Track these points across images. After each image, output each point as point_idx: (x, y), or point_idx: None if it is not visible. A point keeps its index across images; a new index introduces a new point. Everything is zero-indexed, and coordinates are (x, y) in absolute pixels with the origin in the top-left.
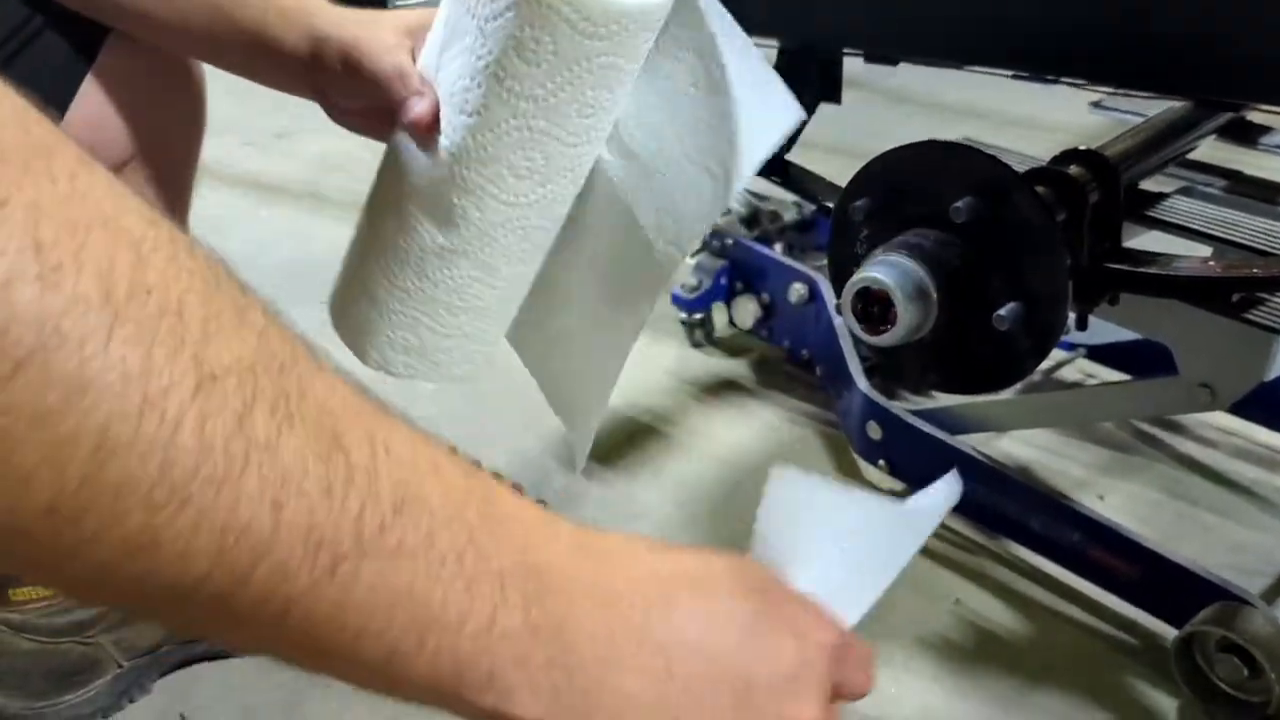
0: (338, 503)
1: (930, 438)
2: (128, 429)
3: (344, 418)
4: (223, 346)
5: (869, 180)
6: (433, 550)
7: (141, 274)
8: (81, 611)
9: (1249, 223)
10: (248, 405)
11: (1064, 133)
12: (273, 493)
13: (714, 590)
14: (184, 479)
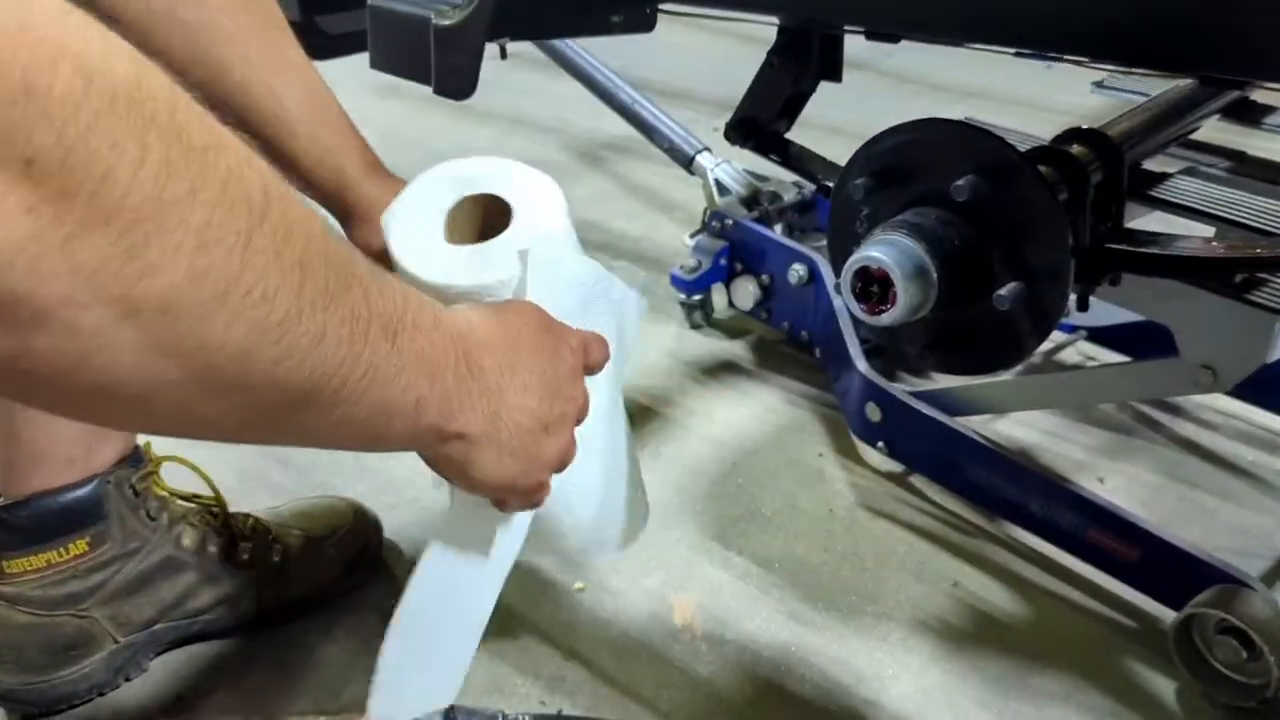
0: (386, 295)
1: (929, 419)
2: (308, 254)
3: (361, 263)
4: (302, 201)
5: (869, 158)
6: (425, 323)
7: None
8: (76, 583)
9: (1252, 203)
10: (331, 239)
11: (1066, 113)
12: (365, 289)
13: (526, 322)
14: (335, 284)
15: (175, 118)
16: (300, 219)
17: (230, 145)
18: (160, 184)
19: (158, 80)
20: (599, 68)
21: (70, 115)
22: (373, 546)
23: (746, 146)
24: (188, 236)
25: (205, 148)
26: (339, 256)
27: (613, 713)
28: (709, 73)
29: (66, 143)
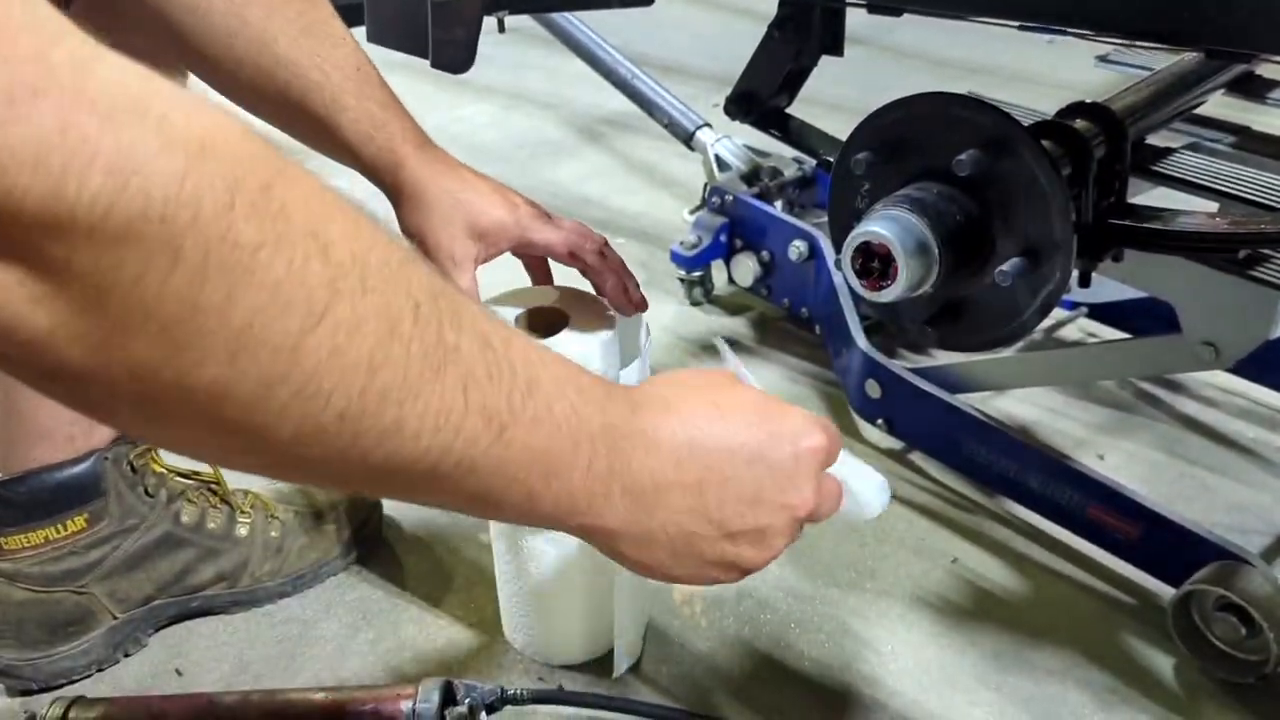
0: (497, 384)
1: (930, 396)
2: (383, 351)
3: (482, 322)
4: (415, 282)
5: (871, 133)
6: (552, 417)
7: (360, 235)
8: (74, 560)
9: (1256, 178)
10: (440, 321)
11: (1070, 89)
12: (463, 382)
13: (729, 417)
14: (417, 380)
15: (221, 220)
16: (378, 311)
17: (295, 238)
18: (198, 286)
19: (210, 173)
20: (599, 43)
21: (97, 224)
22: (373, 523)
23: (747, 121)
24: (232, 337)
25: (258, 246)
26: (433, 344)
27: (612, 688)
28: (709, 48)
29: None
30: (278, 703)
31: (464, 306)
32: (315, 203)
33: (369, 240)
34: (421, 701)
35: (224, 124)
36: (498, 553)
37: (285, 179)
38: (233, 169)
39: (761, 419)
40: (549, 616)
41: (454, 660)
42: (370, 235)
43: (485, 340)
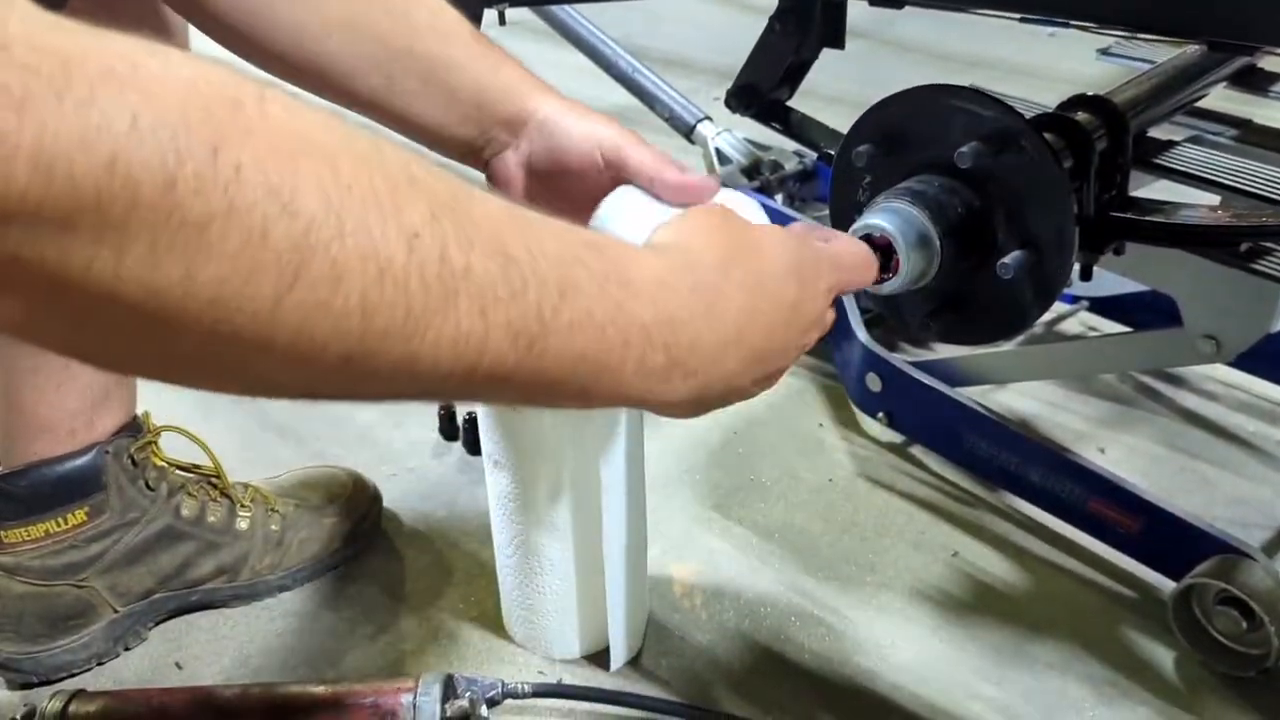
0: (521, 299)
1: (930, 390)
2: (375, 293)
3: (504, 231)
4: (411, 208)
5: (872, 125)
6: (593, 321)
7: (339, 176)
8: (74, 553)
9: (1258, 171)
10: (444, 246)
11: (1071, 82)
12: (479, 304)
13: (762, 282)
14: (422, 314)
15: (163, 201)
16: (362, 255)
17: (251, 202)
18: (151, 268)
19: (146, 153)
20: (599, 36)
21: (32, 217)
22: (372, 516)
23: (747, 114)
24: (203, 310)
25: (207, 221)
26: (435, 274)
27: (611, 683)
28: (710, 41)
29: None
30: (277, 696)
31: (477, 219)
32: (280, 151)
33: (350, 173)
34: (421, 695)
35: (167, 82)
36: (498, 546)
37: (239, 133)
38: (173, 140)
39: (792, 269)
40: (549, 610)
41: (454, 654)
42: (353, 165)
43: (504, 252)
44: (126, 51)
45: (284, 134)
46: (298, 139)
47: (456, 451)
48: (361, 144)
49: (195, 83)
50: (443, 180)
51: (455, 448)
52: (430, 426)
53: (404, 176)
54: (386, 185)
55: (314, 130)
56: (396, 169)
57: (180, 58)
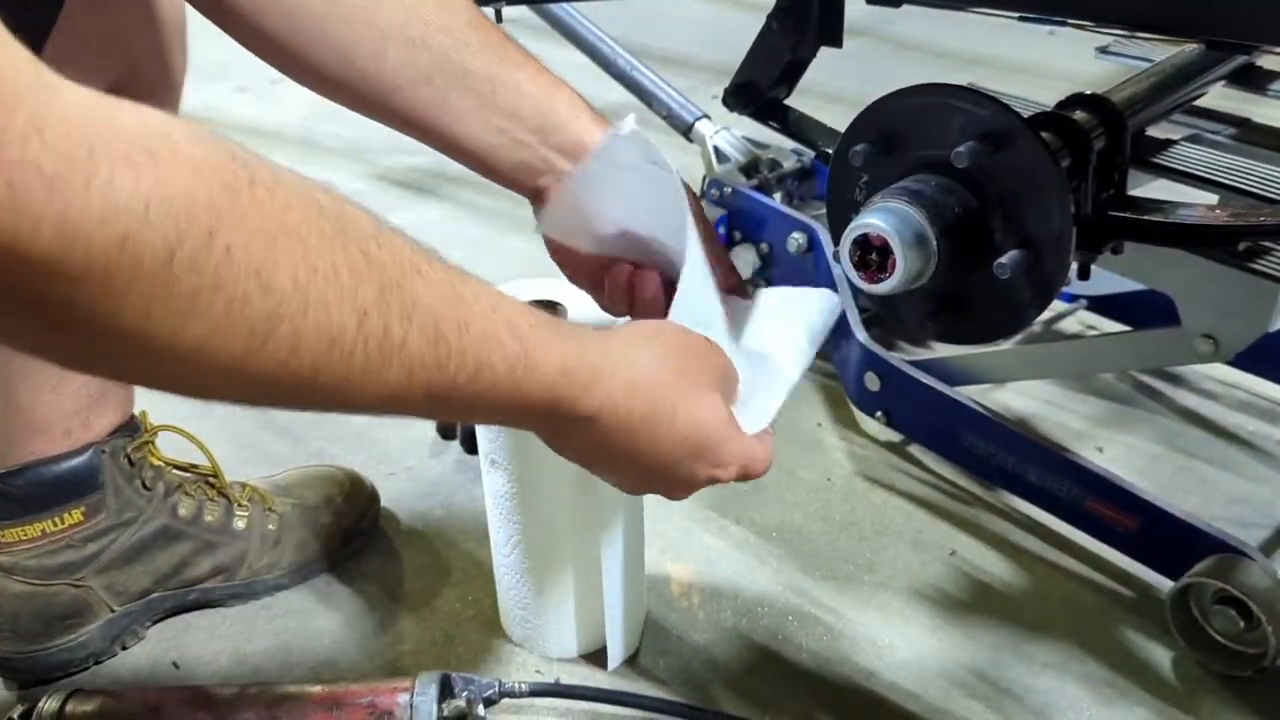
0: (444, 369)
1: (929, 389)
2: (325, 357)
3: (439, 310)
4: (364, 287)
5: (869, 124)
6: (495, 392)
7: (308, 257)
8: (71, 553)
9: (1256, 170)
10: (387, 323)
11: (1070, 81)
12: (408, 370)
13: (672, 434)
14: (361, 375)
15: (160, 273)
16: (317, 329)
17: (236, 278)
18: (145, 320)
19: (152, 235)
20: (597, 34)
21: (51, 271)
22: (369, 516)
23: (745, 113)
24: (186, 353)
25: (196, 291)
26: (376, 347)
27: (609, 682)
28: (708, 39)
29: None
30: (274, 696)
31: (419, 297)
32: (263, 234)
33: (317, 253)
34: (418, 694)
35: (176, 170)
36: (496, 545)
37: (233, 219)
38: (176, 225)
39: (695, 449)
40: (546, 609)
41: (451, 653)
42: (320, 244)
43: (436, 329)
44: (145, 136)
45: (267, 218)
46: (277, 222)
47: (454, 451)
48: (329, 222)
49: (200, 170)
50: (394, 255)
51: (453, 447)
52: (428, 426)
53: (361, 255)
54: (346, 265)
55: (290, 212)
56: (356, 248)
57: (188, 141)
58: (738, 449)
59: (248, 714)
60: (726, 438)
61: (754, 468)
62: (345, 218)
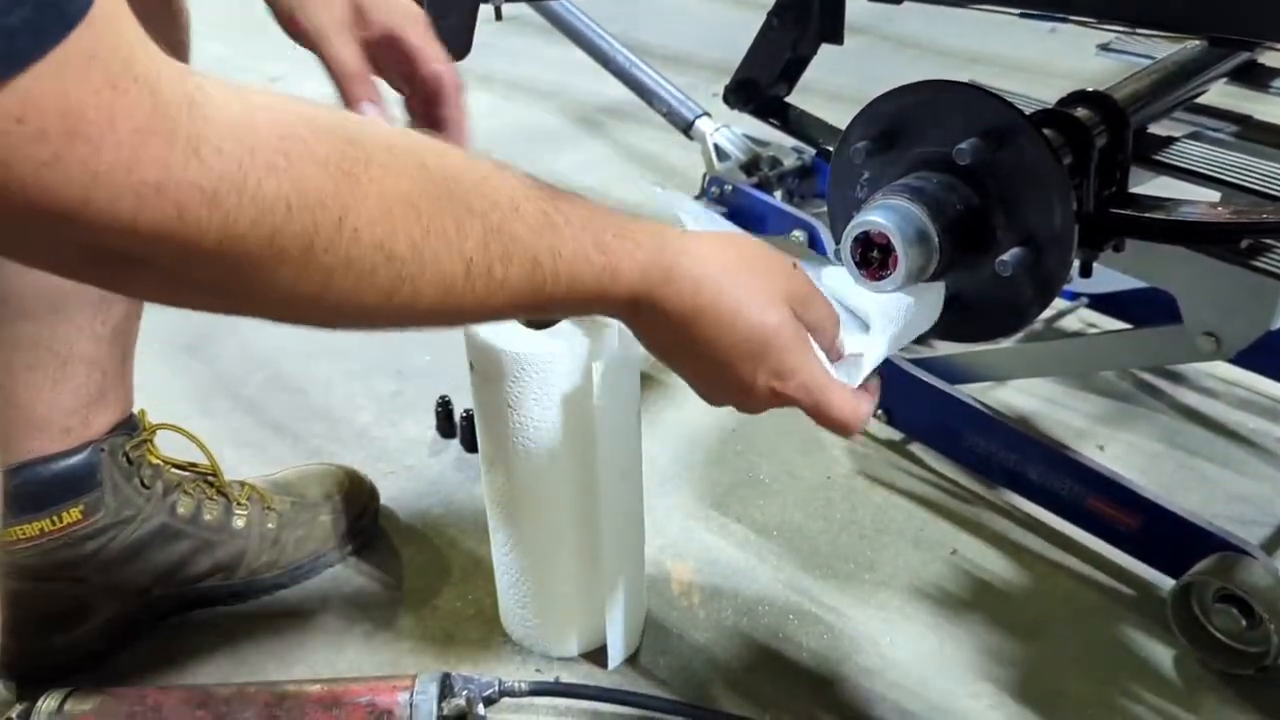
0: (539, 292)
1: (929, 387)
2: (440, 302)
3: (535, 243)
4: (469, 238)
5: (870, 121)
6: (586, 297)
7: (420, 220)
8: (70, 551)
9: (1258, 167)
10: (489, 265)
11: (1071, 78)
12: (509, 299)
13: (732, 348)
14: (470, 309)
15: (302, 258)
16: (434, 282)
17: (363, 254)
18: (292, 285)
19: (294, 228)
20: (597, 31)
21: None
22: (369, 514)
23: (746, 110)
24: (328, 307)
25: (331, 269)
26: (484, 289)
27: (609, 680)
28: (708, 37)
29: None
30: (274, 694)
31: (518, 236)
32: (382, 210)
33: (428, 216)
34: (418, 694)
35: (309, 164)
36: (495, 544)
37: (356, 204)
38: (313, 217)
39: (754, 350)
40: (547, 608)
41: (451, 652)
42: (430, 206)
43: (534, 260)
44: (280, 137)
45: (385, 194)
46: (392, 196)
47: (454, 449)
48: (435, 182)
49: (326, 164)
50: (494, 201)
51: (452, 445)
52: (427, 424)
53: (465, 209)
54: (453, 221)
55: (402, 182)
56: (460, 203)
57: (314, 135)
58: (800, 362)
59: (247, 713)
60: (787, 348)
61: (829, 407)
62: (449, 174)
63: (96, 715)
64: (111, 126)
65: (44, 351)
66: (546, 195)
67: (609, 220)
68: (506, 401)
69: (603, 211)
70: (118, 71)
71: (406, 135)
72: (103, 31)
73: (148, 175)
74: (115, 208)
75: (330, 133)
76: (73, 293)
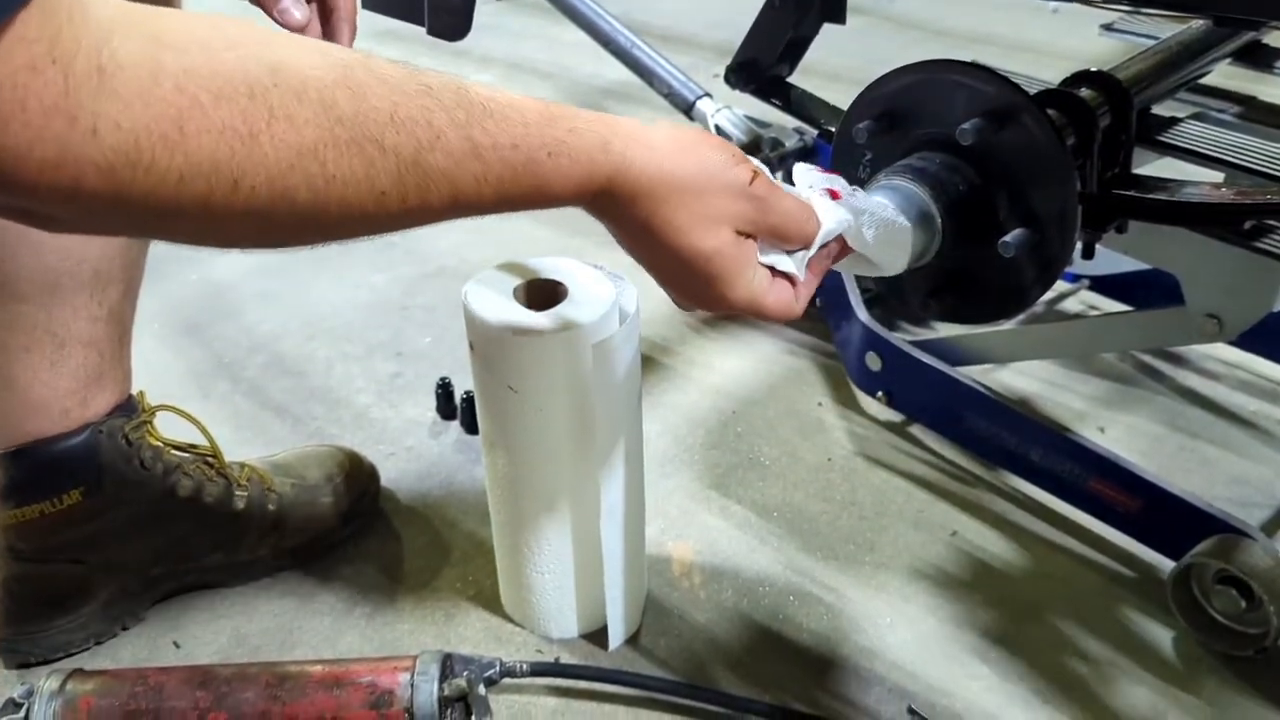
0: (467, 208)
1: (930, 369)
2: (363, 227)
3: (452, 171)
4: (380, 175)
5: (873, 102)
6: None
7: (328, 170)
8: (70, 533)
9: (1262, 148)
10: (403, 194)
11: (1074, 59)
12: (438, 216)
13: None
14: (398, 224)
15: (206, 210)
16: (338, 219)
17: (262, 205)
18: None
19: (190, 192)
20: (597, 11)
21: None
22: (370, 495)
23: (747, 90)
24: (228, 244)
25: (230, 217)
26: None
27: (609, 661)
28: (709, 17)
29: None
30: (275, 675)
31: (434, 170)
32: (283, 165)
33: (333, 166)
34: (419, 674)
35: (204, 135)
36: (496, 525)
37: (253, 165)
38: (208, 183)
39: (694, 273)
40: (547, 589)
41: (452, 633)
42: (335, 157)
43: (454, 188)
44: (180, 106)
45: (286, 148)
46: (295, 149)
47: (454, 430)
48: (345, 126)
49: (224, 131)
50: (410, 135)
51: (453, 427)
52: (428, 406)
53: (377, 147)
54: (362, 163)
55: (308, 131)
56: (370, 144)
57: (213, 100)
58: (734, 283)
59: (248, 693)
60: (722, 274)
61: (765, 311)
62: (361, 113)
63: (97, 695)
64: (23, 107)
65: (41, 333)
66: (476, 114)
67: (544, 136)
68: (507, 383)
69: (539, 124)
70: (40, 53)
71: (321, 70)
72: (45, 11)
73: (48, 153)
74: (16, 179)
75: (235, 89)
76: (67, 274)
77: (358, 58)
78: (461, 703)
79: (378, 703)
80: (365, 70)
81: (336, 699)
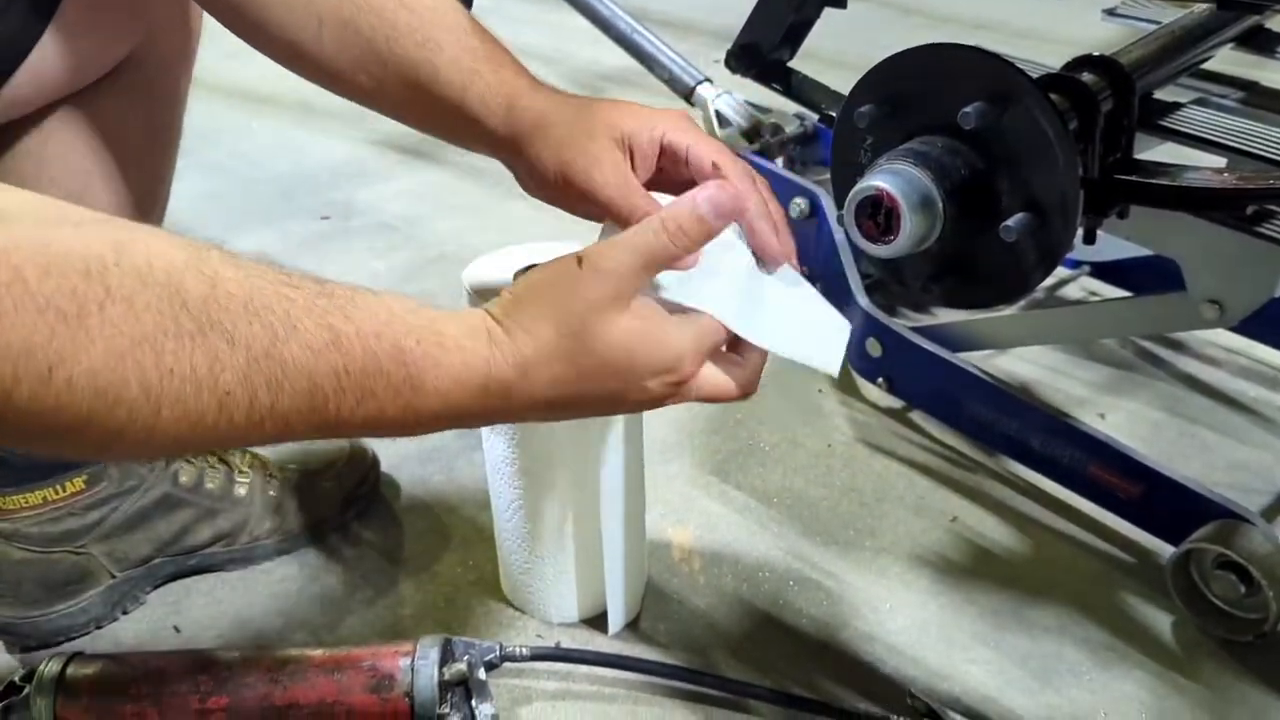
0: (321, 412)
1: (931, 355)
2: (189, 436)
3: (314, 365)
4: (226, 372)
5: (875, 85)
6: (384, 417)
7: (161, 362)
8: (73, 520)
9: (1265, 133)
10: (253, 394)
11: (1076, 44)
12: (284, 423)
13: (580, 375)
14: (237, 436)
15: (6, 404)
16: (173, 419)
17: (77, 402)
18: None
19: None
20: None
21: None
22: (370, 481)
23: (748, 75)
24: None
25: (35, 414)
26: (246, 414)
27: (610, 646)
28: (710, 1)
29: None
30: (276, 659)
31: (290, 360)
32: (113, 355)
33: (173, 358)
34: (419, 658)
35: (23, 313)
36: (496, 511)
37: (75, 352)
38: (14, 369)
39: (617, 373)
40: (547, 574)
41: (452, 618)
42: (176, 345)
43: (312, 381)
44: (5, 283)
45: (118, 335)
46: (129, 337)
47: None
48: (192, 315)
49: (45, 310)
50: (264, 326)
51: None
52: None
53: (225, 342)
54: (206, 358)
55: (147, 317)
56: (219, 336)
57: (39, 276)
58: (670, 356)
59: (249, 678)
60: (653, 351)
61: (702, 390)
62: (211, 303)
63: (99, 680)
64: None
65: None
66: (339, 302)
67: (409, 323)
68: None
69: (404, 313)
70: None
71: (173, 252)
72: None
73: None
74: None
75: (69, 265)
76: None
77: (217, 247)
78: (462, 687)
79: (378, 687)
80: (222, 257)
81: (337, 683)
